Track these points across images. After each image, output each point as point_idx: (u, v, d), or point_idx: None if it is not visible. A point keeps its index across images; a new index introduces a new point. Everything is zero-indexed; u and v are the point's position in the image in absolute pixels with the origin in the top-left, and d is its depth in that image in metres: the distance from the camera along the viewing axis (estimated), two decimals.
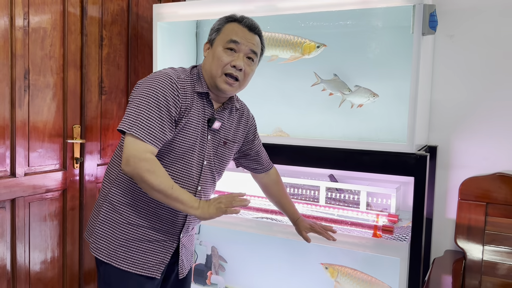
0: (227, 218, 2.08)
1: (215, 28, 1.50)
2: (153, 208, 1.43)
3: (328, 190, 2.20)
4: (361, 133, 2.20)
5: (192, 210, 1.33)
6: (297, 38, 1.98)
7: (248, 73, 1.48)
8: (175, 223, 1.47)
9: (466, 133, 2.15)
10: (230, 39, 1.44)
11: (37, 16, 1.96)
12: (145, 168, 1.29)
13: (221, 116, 1.53)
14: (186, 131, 1.42)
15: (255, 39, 1.48)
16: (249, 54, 1.46)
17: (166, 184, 1.31)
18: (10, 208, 1.92)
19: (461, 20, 2.13)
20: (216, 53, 1.45)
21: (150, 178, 1.29)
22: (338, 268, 2.06)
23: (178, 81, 1.40)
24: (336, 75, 2.14)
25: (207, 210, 1.33)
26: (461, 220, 2.10)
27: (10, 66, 1.87)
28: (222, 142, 1.54)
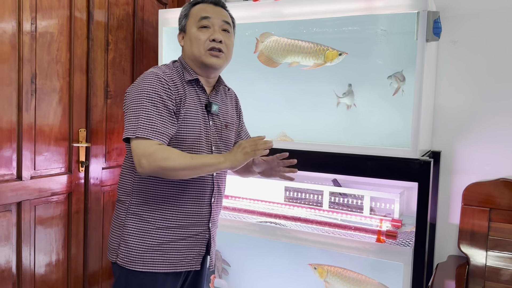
0: (230, 222, 2.09)
1: (182, 15, 1.54)
2: (178, 206, 1.45)
3: (332, 194, 2.21)
4: (365, 137, 2.20)
5: (222, 165, 1.36)
6: (320, 46, 2.00)
7: (229, 44, 1.51)
8: (202, 215, 1.50)
9: (469, 139, 2.16)
10: (201, 16, 1.47)
11: (44, 21, 1.98)
12: (159, 158, 1.30)
13: (216, 99, 1.56)
14: (188, 122, 1.44)
15: (222, 11, 1.52)
16: (223, 26, 1.49)
17: (186, 159, 1.33)
18: (16, 211, 1.94)
19: (465, 26, 2.14)
20: (192, 35, 1.48)
21: (169, 164, 1.31)
22: (327, 268, 2.06)
23: (164, 75, 1.42)
24: (350, 85, 2.16)
25: (235, 158, 1.36)
26: (464, 225, 2.10)
27: (17, 71, 1.89)
28: (224, 126, 1.57)
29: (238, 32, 2.42)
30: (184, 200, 1.46)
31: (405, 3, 1.70)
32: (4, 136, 1.86)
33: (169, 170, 1.32)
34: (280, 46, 2.06)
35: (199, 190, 1.49)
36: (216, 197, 1.55)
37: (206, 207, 1.51)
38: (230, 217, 2.13)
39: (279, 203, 2.30)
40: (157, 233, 1.44)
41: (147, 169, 1.32)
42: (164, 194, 1.45)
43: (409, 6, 1.69)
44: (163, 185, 1.45)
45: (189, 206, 1.47)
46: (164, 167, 1.31)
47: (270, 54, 2.09)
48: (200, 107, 1.49)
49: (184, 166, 1.32)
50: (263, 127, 2.40)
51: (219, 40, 1.47)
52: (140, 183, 1.46)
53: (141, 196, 1.46)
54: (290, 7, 1.90)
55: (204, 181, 1.49)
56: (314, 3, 1.85)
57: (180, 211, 1.46)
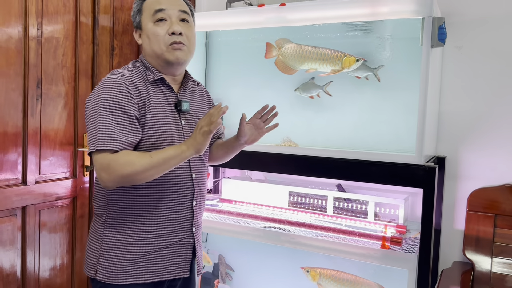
0: (234, 228, 2.08)
1: (135, 12, 1.43)
2: (157, 215, 1.38)
3: (336, 199, 2.21)
4: (369, 142, 2.20)
5: (185, 153, 1.27)
6: (337, 52, 1.98)
7: (190, 36, 1.41)
8: (184, 220, 1.43)
9: (474, 144, 2.15)
10: (155, 9, 1.37)
11: (50, 26, 2.00)
12: (117, 167, 1.22)
13: (185, 96, 1.47)
14: (157, 126, 1.35)
15: (178, 0, 1.42)
16: (181, 16, 1.40)
17: (145, 160, 1.24)
18: (21, 215, 1.94)
19: (469, 31, 2.14)
20: (149, 31, 1.38)
21: (129, 170, 1.22)
22: (320, 270, 2.06)
23: (123, 79, 1.32)
24: (313, 78, 2.20)
25: (196, 141, 1.27)
26: (469, 231, 2.09)
27: (23, 76, 1.90)
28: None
29: (243, 37, 2.44)
30: (163, 207, 1.38)
31: (410, 9, 1.70)
32: (10, 140, 1.87)
33: (131, 176, 1.24)
34: (298, 52, 2.04)
35: (179, 195, 1.41)
36: (197, 199, 1.47)
37: (188, 211, 1.44)
38: (234, 222, 2.13)
39: (283, 208, 2.30)
40: (138, 245, 1.37)
41: (109, 182, 1.24)
42: (141, 203, 1.36)
43: (414, 12, 1.69)
44: (139, 194, 1.36)
45: (169, 213, 1.39)
46: (124, 174, 1.23)
47: (287, 60, 2.08)
48: (169, 107, 1.40)
49: (145, 167, 1.24)
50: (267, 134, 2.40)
51: (179, 32, 1.36)
52: (114, 195, 1.38)
53: (117, 209, 1.38)
54: (295, 13, 1.90)
55: (184, 184, 1.42)
56: (319, 9, 1.86)
57: (160, 220, 1.38)
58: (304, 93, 2.24)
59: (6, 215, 1.88)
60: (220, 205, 2.40)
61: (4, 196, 1.84)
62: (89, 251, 1.43)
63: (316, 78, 2.20)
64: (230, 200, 2.43)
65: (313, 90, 2.22)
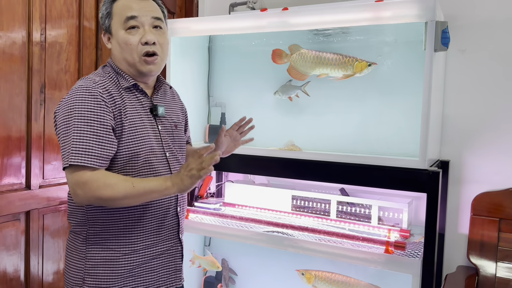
0: (237, 232, 2.08)
1: (104, 14, 1.35)
2: (142, 226, 1.33)
3: (339, 203, 2.20)
4: (372, 146, 2.19)
5: (169, 191, 1.21)
6: (348, 57, 1.97)
7: (163, 44, 1.35)
8: (170, 228, 1.39)
9: (478, 148, 2.14)
10: (126, 17, 1.30)
11: (53, 31, 2.00)
12: (94, 187, 1.17)
13: (160, 100, 1.42)
14: (136, 134, 1.30)
15: (150, 5, 1.34)
16: (154, 23, 1.33)
17: (126, 187, 1.18)
18: (24, 220, 1.95)
19: (473, 35, 2.13)
20: (120, 39, 1.31)
21: (107, 194, 1.17)
22: (315, 273, 2.06)
23: (96, 86, 1.25)
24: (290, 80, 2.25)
25: (182, 183, 1.20)
26: (473, 235, 2.08)
27: (27, 81, 1.91)
28: (174, 127, 1.44)
29: (245, 41, 2.45)
30: (148, 217, 1.33)
31: (413, 13, 1.69)
32: (14, 145, 1.87)
33: (109, 200, 1.19)
34: (309, 58, 2.03)
35: (163, 204, 1.36)
36: (181, 205, 1.43)
37: (173, 219, 1.40)
38: (237, 227, 2.13)
39: (286, 212, 2.29)
40: (125, 259, 1.31)
41: (83, 200, 1.19)
42: (125, 216, 1.30)
43: (417, 16, 1.69)
44: (121, 207, 1.30)
45: (155, 222, 1.34)
46: (102, 197, 1.17)
47: (299, 66, 2.07)
48: (145, 113, 1.35)
49: (125, 195, 1.18)
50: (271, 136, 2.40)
51: (152, 41, 1.30)
52: (95, 211, 1.31)
53: (99, 224, 1.31)
54: (298, 17, 1.90)
55: None
56: (321, 13, 1.85)
57: (146, 230, 1.33)
58: (284, 95, 2.28)
59: (9, 220, 1.88)
60: (223, 209, 2.40)
61: (8, 201, 1.85)
62: (70, 271, 1.35)
63: (293, 80, 2.24)
64: (233, 204, 2.43)
65: (291, 92, 2.26)
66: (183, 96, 1.64)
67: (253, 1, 2.47)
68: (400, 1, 1.73)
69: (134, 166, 1.30)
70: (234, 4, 2.59)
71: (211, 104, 2.55)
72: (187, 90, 2.36)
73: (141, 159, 1.31)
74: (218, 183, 2.68)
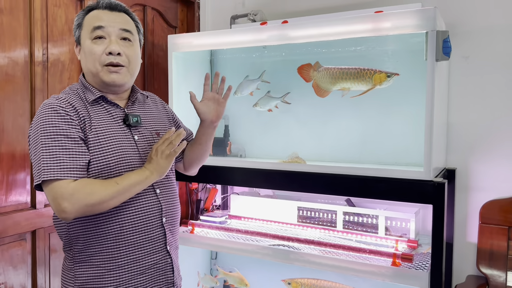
0: (243, 246, 2.07)
1: (75, 26, 1.36)
2: (124, 239, 1.30)
3: (346, 214, 2.18)
4: (378, 155, 2.18)
5: (150, 178, 1.28)
6: (366, 70, 1.90)
7: (131, 55, 1.33)
8: (156, 240, 1.36)
9: (485, 155, 2.11)
10: (93, 26, 1.29)
11: (55, 50, 2.02)
12: (82, 196, 1.17)
13: (134, 110, 1.40)
14: (102, 144, 1.28)
15: (121, 17, 1.34)
16: (122, 35, 1.32)
17: (111, 187, 1.20)
18: (31, 239, 1.95)
19: (476, 41, 2.11)
20: (86, 48, 1.30)
21: (95, 198, 1.18)
22: (301, 281, 2.07)
23: (59, 102, 1.26)
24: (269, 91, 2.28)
25: (159, 166, 1.28)
26: (482, 244, 2.05)
27: (30, 101, 1.92)
28: (154, 134, 1.42)
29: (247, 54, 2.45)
30: (128, 229, 1.30)
31: (413, 23, 1.68)
32: (18, 165, 1.88)
33: (98, 205, 1.19)
34: (329, 74, 1.97)
35: (143, 214, 1.33)
36: (167, 215, 1.40)
37: (158, 230, 1.36)
38: (243, 240, 2.12)
39: (292, 224, 2.28)
40: (111, 275, 1.29)
41: (71, 212, 1.16)
42: (103, 230, 1.29)
43: (417, 26, 1.68)
44: (99, 220, 1.29)
45: (137, 235, 1.31)
46: (91, 203, 1.17)
47: (321, 83, 2.01)
48: (116, 124, 1.34)
49: (112, 195, 1.20)
50: (275, 147, 2.39)
51: (117, 52, 1.29)
52: (75, 227, 1.30)
53: (81, 241, 1.30)
54: (297, 30, 1.90)
55: (147, 202, 1.34)
56: (321, 26, 1.85)
57: (128, 244, 1.30)
58: (264, 107, 2.29)
59: (16, 240, 1.88)
60: (228, 222, 2.39)
61: (14, 221, 1.85)
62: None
63: (271, 91, 2.28)
64: (239, 217, 2.42)
65: (271, 103, 2.28)
66: (187, 110, 1.63)
67: (254, 13, 2.47)
68: (400, 12, 1.72)
69: (107, 178, 1.28)
70: (235, 17, 2.60)
71: None
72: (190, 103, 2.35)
73: (114, 171, 1.29)
74: (223, 195, 2.67)
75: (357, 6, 2.29)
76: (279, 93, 2.31)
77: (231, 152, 2.47)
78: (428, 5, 2.13)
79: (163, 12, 2.63)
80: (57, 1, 2.01)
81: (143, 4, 2.50)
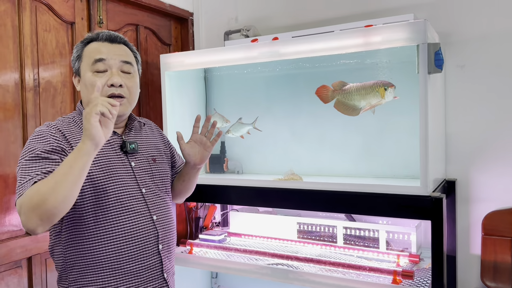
0: (241, 266, 2.04)
1: (75, 57, 1.37)
2: (121, 266, 1.29)
3: (346, 228, 2.15)
4: (375, 169, 2.15)
5: (83, 148, 1.11)
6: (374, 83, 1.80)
7: (131, 87, 1.35)
8: (152, 268, 1.34)
9: (485, 165, 2.08)
10: (94, 59, 1.31)
11: (47, 75, 2.01)
12: (26, 201, 1.09)
13: (131, 137, 1.41)
14: (100, 172, 1.28)
15: (121, 49, 1.36)
16: (122, 67, 1.34)
17: (49, 180, 1.11)
18: (26, 266, 1.93)
19: (471, 50, 2.08)
20: (87, 80, 1.31)
21: (38, 198, 1.08)
22: None
23: (48, 128, 1.28)
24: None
25: (85, 129, 1.11)
26: (486, 256, 2.00)
27: (22, 127, 1.91)
28: (151, 161, 1.43)
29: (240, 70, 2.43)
30: (125, 257, 1.29)
31: (403, 36, 1.66)
32: (11, 192, 1.87)
33: (44, 204, 1.07)
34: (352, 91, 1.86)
35: (139, 241, 1.32)
36: (164, 242, 1.39)
37: (155, 258, 1.35)
38: (242, 260, 2.09)
39: (292, 240, 2.25)
40: None
41: (28, 223, 1.10)
42: (100, 259, 1.28)
43: (408, 39, 1.65)
44: (95, 247, 1.28)
45: (134, 262, 1.30)
46: (36, 206, 1.07)
47: (347, 100, 1.88)
48: (112, 151, 1.34)
49: (51, 185, 1.09)
50: (271, 162, 2.37)
51: (118, 84, 1.30)
52: (72, 255, 1.29)
53: (77, 269, 1.29)
54: (288, 46, 1.88)
55: (144, 229, 1.33)
56: (311, 42, 1.83)
57: (124, 272, 1.29)
58: (236, 134, 2.28)
59: (11, 267, 1.87)
60: (228, 240, 2.36)
61: (8, 249, 1.84)
62: None
63: (243, 118, 2.26)
64: (238, 234, 2.39)
65: (243, 129, 2.27)
66: (182, 128, 1.62)
67: (247, 29, 2.46)
68: (390, 25, 1.70)
69: (103, 205, 1.28)
70: (229, 32, 2.59)
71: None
72: (185, 121, 2.35)
73: (111, 198, 1.29)
74: (223, 211, 2.65)
75: (349, 19, 2.28)
76: (276, 108, 2.30)
77: (228, 168, 2.45)
78: (420, 15, 2.10)
79: (156, 31, 2.63)
80: (47, 26, 2.01)
81: (136, 24, 2.49)
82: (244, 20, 2.62)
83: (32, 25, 1.94)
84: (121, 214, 1.30)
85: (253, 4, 2.60)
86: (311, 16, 2.42)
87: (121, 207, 1.31)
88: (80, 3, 2.17)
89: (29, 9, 1.93)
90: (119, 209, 1.31)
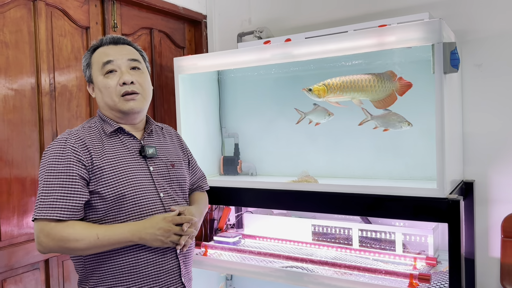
0: (256, 269, 2.03)
1: (85, 66, 1.43)
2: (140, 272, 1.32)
3: (361, 230, 2.12)
4: (391, 170, 2.12)
5: (131, 242, 1.28)
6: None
7: (143, 83, 1.39)
8: (170, 272, 1.37)
9: (503, 166, 2.03)
10: (103, 62, 1.36)
11: (62, 80, 2.03)
12: (58, 237, 1.21)
13: (150, 141, 1.43)
14: (118, 176, 1.31)
15: (126, 48, 1.40)
16: (131, 65, 1.38)
17: (89, 237, 1.23)
18: (44, 268, 1.96)
19: (488, 48, 2.04)
20: (100, 84, 1.36)
21: (67, 244, 1.22)
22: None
23: (70, 138, 1.31)
24: (315, 104, 2.10)
25: (144, 240, 1.28)
26: (506, 259, 1.96)
27: (38, 132, 1.94)
28: (169, 166, 1.44)
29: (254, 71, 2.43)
30: (144, 261, 1.32)
31: (418, 36, 1.63)
32: (28, 195, 1.90)
33: (72, 250, 1.24)
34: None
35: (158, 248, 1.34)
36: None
37: (173, 262, 1.37)
38: (256, 263, 2.08)
39: (306, 243, 2.23)
40: None
41: (45, 247, 1.23)
42: (120, 264, 1.31)
43: (423, 39, 1.62)
44: (116, 254, 1.31)
45: (152, 267, 1.33)
46: (65, 247, 1.23)
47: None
48: (130, 156, 1.37)
49: (88, 246, 1.23)
50: (285, 164, 2.36)
51: (130, 81, 1.35)
52: (92, 263, 1.33)
53: (98, 274, 1.32)
54: (301, 48, 1.87)
55: None
56: (324, 43, 1.81)
57: (143, 276, 1.32)
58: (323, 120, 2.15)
59: (29, 270, 1.90)
60: (242, 242, 2.36)
61: (26, 251, 1.87)
62: None
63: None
64: (253, 236, 2.39)
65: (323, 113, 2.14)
66: (196, 130, 1.64)
67: (260, 30, 2.46)
68: (404, 25, 1.67)
69: (122, 208, 1.31)
70: (242, 34, 2.58)
71: (224, 135, 2.53)
72: (199, 123, 2.35)
73: (129, 202, 1.32)
74: (237, 213, 2.64)
75: (362, 18, 2.25)
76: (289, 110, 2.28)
77: (242, 170, 2.44)
78: (436, 14, 2.07)
79: (170, 34, 2.64)
80: (62, 31, 2.04)
81: (150, 27, 2.51)
82: (257, 21, 2.62)
83: (47, 31, 1.97)
84: (139, 218, 1.33)
85: (266, 5, 2.59)
86: (324, 17, 2.40)
87: (139, 211, 1.33)
88: (94, 8, 2.19)
89: (44, 14, 1.95)
90: (138, 212, 1.33)
